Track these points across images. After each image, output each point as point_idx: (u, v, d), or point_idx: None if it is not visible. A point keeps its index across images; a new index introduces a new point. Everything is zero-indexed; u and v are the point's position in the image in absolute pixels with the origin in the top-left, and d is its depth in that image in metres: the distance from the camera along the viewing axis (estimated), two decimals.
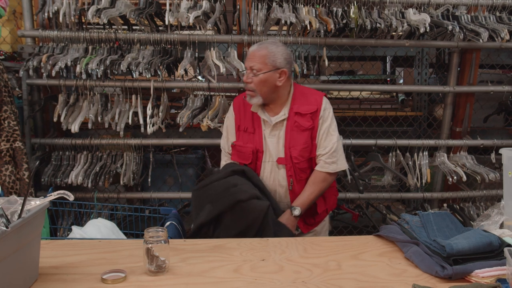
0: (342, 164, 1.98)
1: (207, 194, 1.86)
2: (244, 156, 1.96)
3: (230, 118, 2.06)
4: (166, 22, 2.47)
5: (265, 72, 1.86)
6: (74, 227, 1.83)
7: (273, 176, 1.95)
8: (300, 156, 1.91)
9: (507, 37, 2.52)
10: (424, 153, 2.81)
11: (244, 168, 1.91)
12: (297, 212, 1.87)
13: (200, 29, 2.75)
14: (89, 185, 2.54)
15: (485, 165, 2.83)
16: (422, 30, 2.45)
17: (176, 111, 3.02)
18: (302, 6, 2.58)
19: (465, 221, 2.68)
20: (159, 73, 2.48)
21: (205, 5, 2.50)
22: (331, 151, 1.93)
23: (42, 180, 2.58)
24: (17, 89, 2.79)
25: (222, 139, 2.12)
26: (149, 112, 2.56)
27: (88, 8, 2.43)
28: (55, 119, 2.57)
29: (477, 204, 2.93)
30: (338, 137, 1.98)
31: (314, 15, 2.55)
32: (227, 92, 3.02)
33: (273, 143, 1.95)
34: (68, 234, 1.96)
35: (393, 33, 2.68)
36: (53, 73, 2.44)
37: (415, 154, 2.81)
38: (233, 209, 1.73)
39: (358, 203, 3.02)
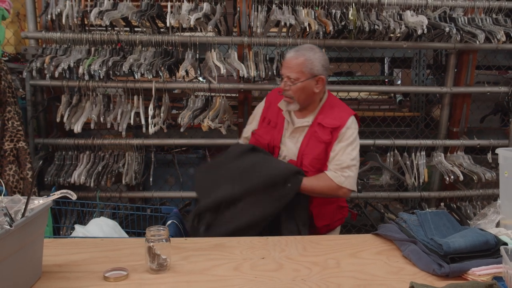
0: (349, 184, 1.83)
1: (220, 174, 1.83)
2: (260, 146, 1.94)
3: (260, 107, 2.07)
4: (168, 24, 2.49)
5: (303, 80, 1.81)
6: (76, 226, 1.84)
7: None
8: (310, 165, 1.85)
9: (503, 38, 2.54)
10: (422, 153, 2.83)
11: (253, 146, 1.92)
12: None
13: (201, 30, 2.76)
14: (92, 184, 2.55)
15: (481, 165, 2.85)
16: (419, 31, 2.47)
17: (177, 112, 3.02)
18: (302, 8, 2.60)
19: (462, 220, 2.69)
20: (160, 74, 2.49)
21: (205, 7, 2.52)
22: (342, 165, 1.82)
23: (45, 179, 2.60)
24: (20, 90, 2.80)
25: (247, 125, 2.13)
26: (150, 112, 2.57)
27: (91, 10, 2.45)
28: (58, 120, 2.58)
29: (474, 203, 2.93)
30: (357, 160, 1.87)
31: (313, 17, 2.57)
32: (227, 93, 3.02)
33: (291, 144, 1.92)
34: (71, 233, 1.97)
35: (391, 35, 2.70)
36: (56, 74, 2.46)
37: (413, 154, 2.83)
38: (267, 185, 1.73)
39: (356, 202, 3.03)
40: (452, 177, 2.72)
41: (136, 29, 2.80)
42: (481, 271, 1.23)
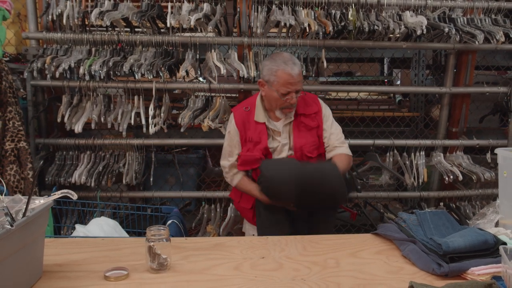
0: (350, 152, 2.05)
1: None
2: (252, 163, 1.97)
3: (233, 135, 2.02)
4: (168, 24, 2.49)
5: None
6: (77, 226, 1.84)
7: None
8: (310, 153, 1.96)
9: (502, 39, 2.55)
10: (421, 153, 2.84)
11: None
12: None
13: (201, 31, 2.77)
14: (92, 184, 2.56)
15: (480, 165, 2.85)
16: (419, 32, 2.47)
17: (177, 112, 3.03)
18: (301, 8, 2.61)
19: (461, 219, 2.70)
20: (161, 74, 2.50)
21: (206, 7, 2.52)
22: (342, 139, 2.03)
23: (46, 179, 2.61)
24: (21, 90, 2.80)
25: (228, 156, 2.06)
26: (151, 112, 2.58)
27: (91, 11, 2.46)
28: (59, 120, 2.59)
29: (473, 203, 2.94)
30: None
31: (313, 17, 2.58)
32: (227, 93, 3.03)
33: (280, 146, 1.98)
34: (71, 233, 1.97)
35: (391, 35, 2.71)
36: (57, 75, 2.47)
37: (412, 154, 2.84)
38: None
39: (356, 202, 3.04)
40: (451, 177, 2.73)
41: (136, 29, 2.81)
42: (480, 271, 1.23)
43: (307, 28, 2.46)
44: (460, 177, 2.72)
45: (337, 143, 2.01)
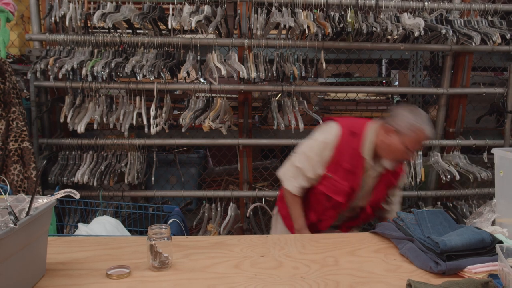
0: None
1: None
2: (339, 192, 1.81)
3: (328, 149, 1.80)
4: (169, 26, 2.52)
5: None
6: (80, 224, 1.84)
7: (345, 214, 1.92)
8: (377, 206, 1.94)
9: (499, 40, 2.57)
10: (419, 152, 2.85)
11: None
12: None
13: (202, 33, 2.78)
14: (95, 183, 2.58)
15: (477, 165, 2.87)
16: (416, 33, 2.50)
17: (178, 112, 3.04)
18: (301, 10, 2.62)
19: (458, 218, 2.72)
20: (162, 75, 2.51)
21: (206, 9, 2.54)
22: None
23: (49, 179, 2.62)
24: (25, 91, 2.82)
25: (304, 160, 1.84)
26: (152, 113, 2.60)
27: (94, 13, 2.48)
28: (61, 120, 2.61)
29: (470, 202, 2.96)
30: None
31: (312, 19, 2.60)
32: (228, 94, 3.04)
33: (366, 189, 1.87)
34: (74, 231, 1.97)
35: (389, 37, 2.73)
36: (60, 76, 2.48)
37: None
38: None
39: None
40: (448, 176, 2.75)
41: (138, 31, 2.83)
42: (477, 269, 1.23)
43: (306, 29, 2.47)
44: (457, 177, 2.74)
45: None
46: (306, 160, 1.83)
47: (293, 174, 1.86)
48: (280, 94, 2.79)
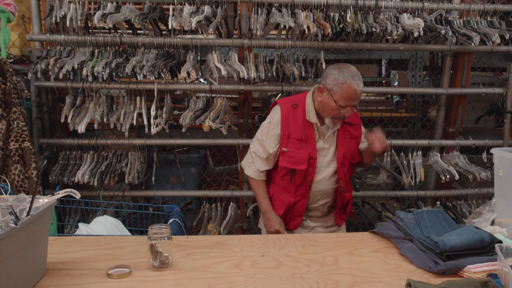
0: None
1: None
2: (298, 161, 1.91)
3: (275, 127, 1.94)
4: (170, 27, 2.52)
5: None
6: (80, 224, 1.84)
7: (325, 180, 1.97)
8: (350, 161, 1.99)
9: (498, 41, 2.58)
10: (418, 152, 2.86)
11: None
12: None
13: (202, 33, 2.78)
14: (95, 183, 2.58)
15: (476, 164, 2.88)
16: (416, 34, 2.51)
17: (179, 112, 3.05)
18: (301, 11, 2.63)
19: (457, 218, 2.72)
20: (162, 75, 2.52)
21: (207, 10, 2.55)
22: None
23: (50, 178, 2.63)
24: (25, 91, 2.82)
25: (256, 144, 2.00)
26: (153, 113, 2.60)
27: (94, 13, 2.49)
28: (62, 120, 2.62)
29: (469, 202, 2.96)
30: None
31: (312, 19, 2.60)
32: (228, 94, 3.05)
33: (325, 151, 1.96)
34: (75, 231, 1.97)
35: (388, 37, 2.74)
36: (61, 76, 2.49)
37: (409, 154, 2.86)
38: None
39: (354, 200, 3.04)
40: (448, 176, 2.76)
41: (138, 31, 2.83)
42: (476, 269, 1.24)
43: (306, 30, 2.48)
44: (457, 177, 2.75)
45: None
46: (258, 144, 1.99)
47: (251, 160, 2.02)
48: (280, 94, 2.80)
